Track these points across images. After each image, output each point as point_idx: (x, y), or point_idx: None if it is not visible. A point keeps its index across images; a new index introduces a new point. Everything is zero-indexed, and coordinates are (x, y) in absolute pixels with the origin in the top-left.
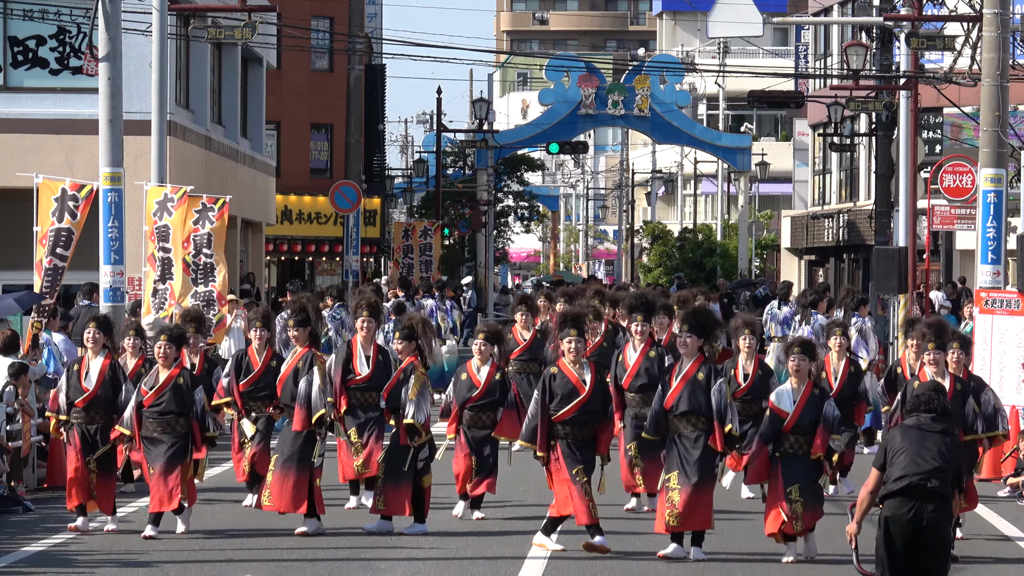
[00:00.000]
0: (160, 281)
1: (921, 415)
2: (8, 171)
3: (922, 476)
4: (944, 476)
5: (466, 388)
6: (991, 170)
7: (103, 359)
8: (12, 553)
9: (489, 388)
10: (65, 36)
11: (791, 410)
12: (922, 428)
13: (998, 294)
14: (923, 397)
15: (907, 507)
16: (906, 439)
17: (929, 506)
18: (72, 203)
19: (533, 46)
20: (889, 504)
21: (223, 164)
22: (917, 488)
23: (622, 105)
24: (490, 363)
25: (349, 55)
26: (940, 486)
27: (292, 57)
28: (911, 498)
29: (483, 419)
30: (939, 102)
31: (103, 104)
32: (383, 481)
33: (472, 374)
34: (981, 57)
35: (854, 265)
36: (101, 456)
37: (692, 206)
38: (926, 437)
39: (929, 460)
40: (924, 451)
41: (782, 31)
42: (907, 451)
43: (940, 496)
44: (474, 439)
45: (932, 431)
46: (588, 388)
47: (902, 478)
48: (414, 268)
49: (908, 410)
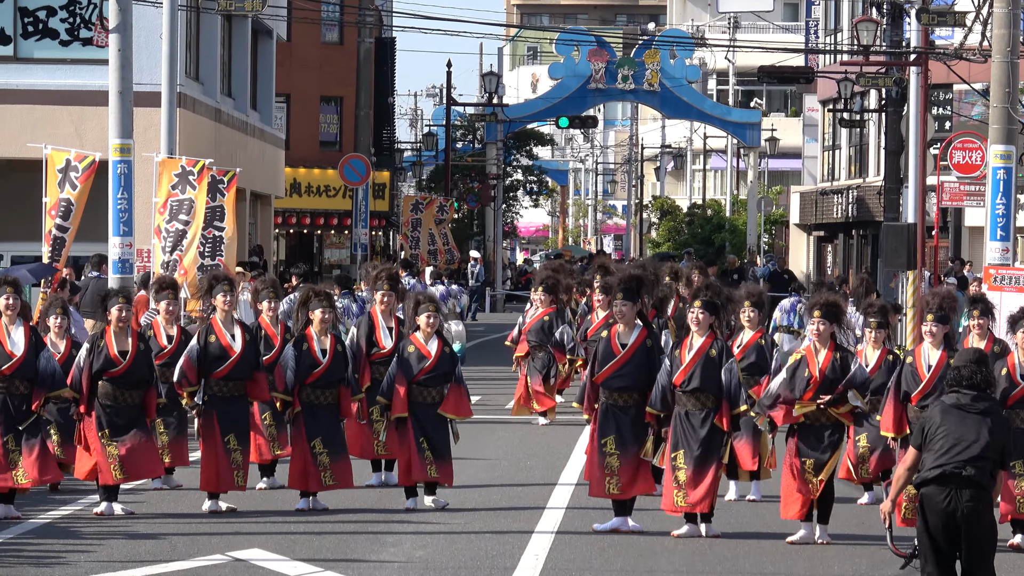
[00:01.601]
0: (169, 252)
1: (962, 392)
2: (18, 142)
3: (958, 464)
4: (982, 464)
5: (415, 360)
6: (1001, 147)
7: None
8: (20, 524)
9: (439, 361)
10: (76, 7)
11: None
12: (962, 408)
13: (1007, 271)
14: (964, 371)
15: (942, 495)
16: (945, 420)
17: (965, 495)
18: (74, 174)
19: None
20: (925, 492)
21: (233, 136)
22: (952, 476)
23: (632, 80)
24: (436, 337)
25: (359, 28)
26: (977, 474)
27: (302, 29)
28: (946, 486)
29: (427, 395)
30: (949, 78)
31: (113, 76)
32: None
33: (420, 345)
34: (992, 33)
35: (863, 241)
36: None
37: (701, 181)
38: (966, 419)
39: (968, 446)
40: (963, 436)
41: (792, 6)
42: (945, 435)
43: (977, 484)
44: (419, 417)
45: (973, 412)
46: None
47: (937, 466)
48: (421, 242)
49: (949, 384)
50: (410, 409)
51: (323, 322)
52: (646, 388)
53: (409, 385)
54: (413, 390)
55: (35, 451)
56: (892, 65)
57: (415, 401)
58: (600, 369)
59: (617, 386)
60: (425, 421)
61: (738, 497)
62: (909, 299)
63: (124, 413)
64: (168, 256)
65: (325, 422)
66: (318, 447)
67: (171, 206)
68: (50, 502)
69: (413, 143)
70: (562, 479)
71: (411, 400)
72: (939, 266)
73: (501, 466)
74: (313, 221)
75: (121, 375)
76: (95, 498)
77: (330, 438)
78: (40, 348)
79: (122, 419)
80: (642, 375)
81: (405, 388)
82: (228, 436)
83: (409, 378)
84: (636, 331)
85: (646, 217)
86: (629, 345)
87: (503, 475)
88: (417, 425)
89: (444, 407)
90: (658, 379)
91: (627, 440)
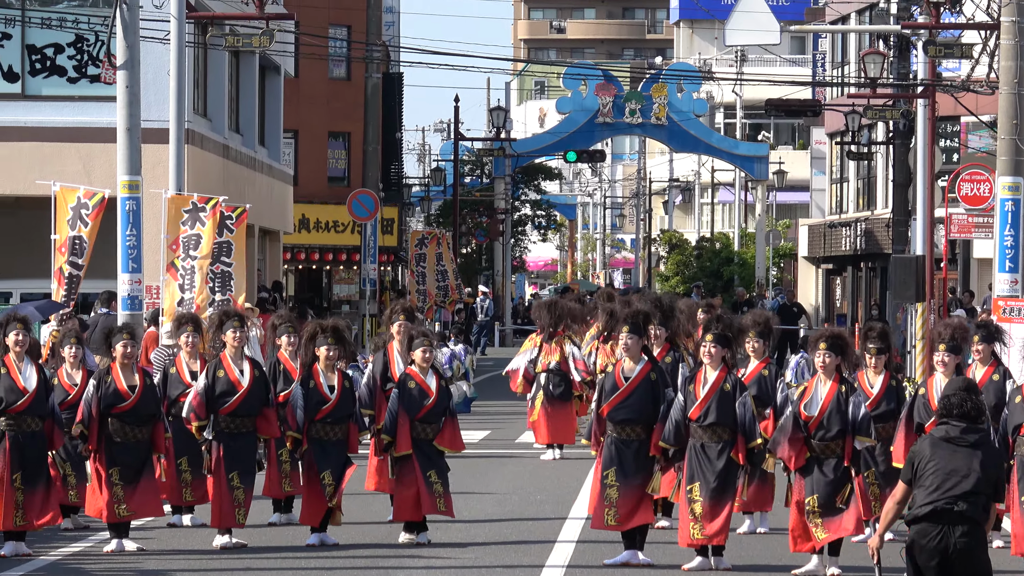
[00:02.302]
0: (189, 290)
1: (951, 424)
2: (27, 179)
3: (950, 500)
4: (975, 499)
5: (418, 397)
6: (1009, 178)
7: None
8: (30, 560)
9: (439, 397)
10: (83, 44)
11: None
12: (952, 441)
13: (1016, 302)
14: (954, 399)
15: (933, 532)
16: (935, 455)
17: (957, 531)
18: (84, 211)
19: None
20: (915, 529)
21: (241, 172)
22: (944, 512)
23: (639, 113)
24: (433, 372)
25: (367, 63)
26: (969, 509)
27: (310, 65)
28: (938, 523)
29: (429, 431)
30: (956, 110)
31: (121, 112)
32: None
33: (421, 381)
34: (999, 65)
35: (871, 274)
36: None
37: (709, 215)
38: (956, 453)
39: (959, 480)
40: (954, 470)
41: (799, 39)
42: (936, 470)
43: (970, 520)
44: (424, 451)
45: (963, 445)
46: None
47: (929, 502)
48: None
49: (939, 414)
50: (413, 444)
51: (328, 359)
52: (650, 421)
53: (412, 421)
54: (416, 426)
55: (39, 495)
56: (899, 97)
57: (418, 437)
58: (605, 401)
59: (621, 418)
60: (430, 455)
61: (749, 531)
62: (918, 331)
63: (132, 450)
64: (188, 294)
65: (334, 457)
66: (327, 479)
67: (183, 243)
68: (61, 539)
69: (421, 178)
70: (572, 513)
71: (413, 436)
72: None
73: (511, 500)
74: (322, 256)
75: (129, 410)
76: (106, 535)
77: (340, 470)
78: (50, 388)
79: (130, 456)
80: (646, 408)
81: (408, 425)
82: (232, 473)
83: (412, 415)
84: (640, 364)
85: (655, 251)
86: (632, 378)
87: (513, 509)
88: (423, 459)
89: (439, 440)
90: (671, 414)
91: (628, 472)
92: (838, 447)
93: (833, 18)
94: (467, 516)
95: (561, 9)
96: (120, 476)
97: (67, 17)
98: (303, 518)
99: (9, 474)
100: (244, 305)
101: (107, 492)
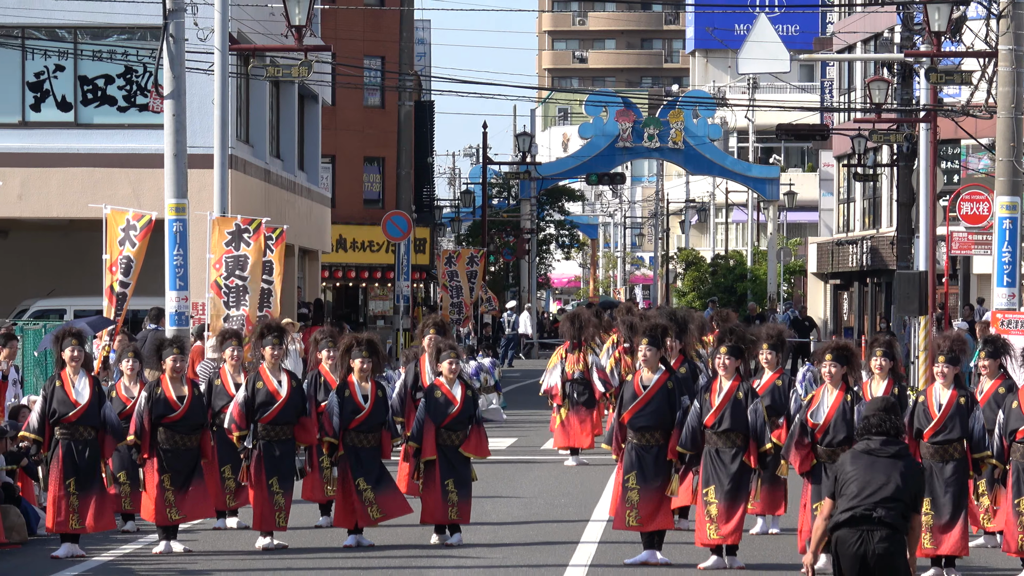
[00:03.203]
0: (235, 307)
1: (872, 438)
2: (79, 203)
3: (868, 506)
4: (894, 505)
5: (444, 405)
6: (1007, 198)
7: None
8: (84, 561)
9: (464, 406)
10: (132, 75)
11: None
12: (872, 453)
13: (1013, 315)
14: (873, 419)
15: (853, 539)
16: (855, 465)
17: (876, 536)
18: (133, 232)
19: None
20: (837, 535)
21: (281, 195)
22: (863, 518)
23: (657, 138)
24: (459, 382)
25: (400, 92)
26: (887, 515)
27: (346, 94)
28: (857, 528)
29: (455, 438)
30: (957, 134)
31: (168, 139)
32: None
33: (447, 391)
34: (997, 91)
35: (877, 289)
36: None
37: (724, 233)
38: (876, 463)
39: (878, 488)
40: (873, 479)
41: (808, 67)
42: (856, 479)
43: (888, 526)
44: (448, 458)
45: (883, 456)
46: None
47: (848, 508)
48: (462, 290)
49: (859, 433)
50: (438, 451)
51: (362, 370)
52: (668, 427)
53: (437, 429)
54: (441, 433)
55: (92, 499)
56: (903, 122)
57: (443, 444)
58: (625, 409)
59: (640, 425)
60: (453, 462)
61: (762, 531)
62: (921, 343)
63: (181, 456)
64: (234, 311)
65: (367, 463)
66: (362, 484)
67: (226, 262)
68: (113, 541)
69: (451, 200)
70: (595, 515)
71: (438, 443)
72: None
73: (537, 503)
74: (358, 274)
75: (179, 420)
76: (155, 537)
77: (373, 476)
78: (103, 398)
79: (180, 462)
80: (664, 415)
81: (434, 432)
82: (272, 479)
83: (438, 423)
84: (658, 374)
85: (672, 268)
86: (650, 387)
87: (539, 512)
88: (446, 466)
89: (466, 447)
90: (688, 421)
91: (648, 476)
92: (844, 453)
93: (840, 47)
94: (495, 518)
95: (583, 40)
96: (171, 482)
97: (117, 50)
98: (337, 521)
99: (63, 480)
100: (285, 320)
101: (158, 497)
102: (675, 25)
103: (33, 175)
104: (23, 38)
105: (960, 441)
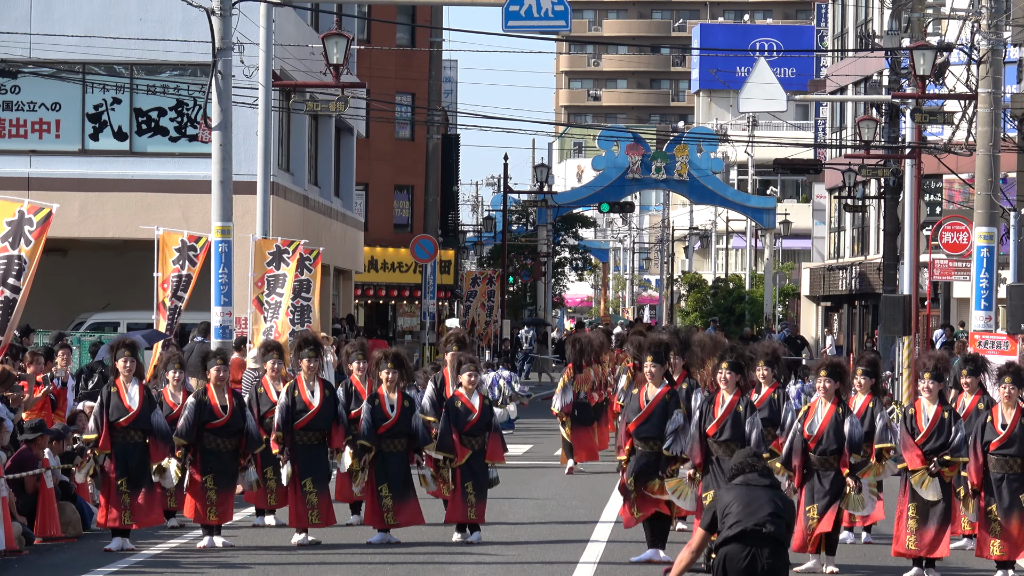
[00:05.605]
0: (272, 320)
1: (747, 475)
2: (132, 225)
3: (758, 521)
4: (779, 521)
5: (463, 414)
6: (984, 228)
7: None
8: (134, 554)
9: (482, 414)
10: (183, 108)
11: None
12: (749, 484)
13: (990, 336)
14: (743, 464)
15: (742, 555)
16: (732, 494)
17: (765, 551)
18: (191, 252)
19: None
20: (725, 552)
21: (318, 220)
22: (752, 533)
23: (664, 170)
24: (476, 392)
25: (428, 126)
26: (776, 531)
27: (379, 127)
28: (747, 543)
29: (474, 443)
30: (939, 169)
31: (215, 167)
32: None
33: (466, 401)
34: (976, 130)
35: (865, 311)
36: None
37: (724, 258)
38: (754, 490)
39: (763, 508)
40: (755, 501)
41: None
42: (737, 501)
43: (776, 541)
44: (468, 463)
45: (759, 486)
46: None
47: (737, 524)
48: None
49: (731, 475)
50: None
51: (389, 381)
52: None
53: (459, 435)
54: (462, 439)
55: (142, 496)
56: (890, 158)
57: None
58: (630, 420)
59: (643, 434)
60: (473, 467)
61: None
62: (905, 361)
63: (223, 459)
64: (270, 324)
65: (393, 469)
66: (384, 491)
67: (268, 281)
68: (160, 536)
69: (474, 225)
70: (603, 516)
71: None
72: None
73: (550, 505)
74: (388, 293)
75: (222, 426)
76: (199, 532)
77: (396, 484)
78: (153, 404)
79: (222, 463)
80: (664, 426)
81: (457, 438)
82: (305, 480)
83: (459, 429)
84: (660, 388)
85: (676, 289)
86: (652, 400)
87: (551, 513)
88: (466, 470)
89: (487, 455)
90: (689, 429)
91: (649, 477)
92: (836, 461)
93: (832, 88)
94: (511, 519)
95: (597, 80)
96: (214, 482)
97: (169, 85)
98: (366, 520)
99: (115, 479)
100: (321, 334)
101: (201, 498)
102: (681, 67)
103: (91, 199)
104: (84, 73)
105: (944, 450)
